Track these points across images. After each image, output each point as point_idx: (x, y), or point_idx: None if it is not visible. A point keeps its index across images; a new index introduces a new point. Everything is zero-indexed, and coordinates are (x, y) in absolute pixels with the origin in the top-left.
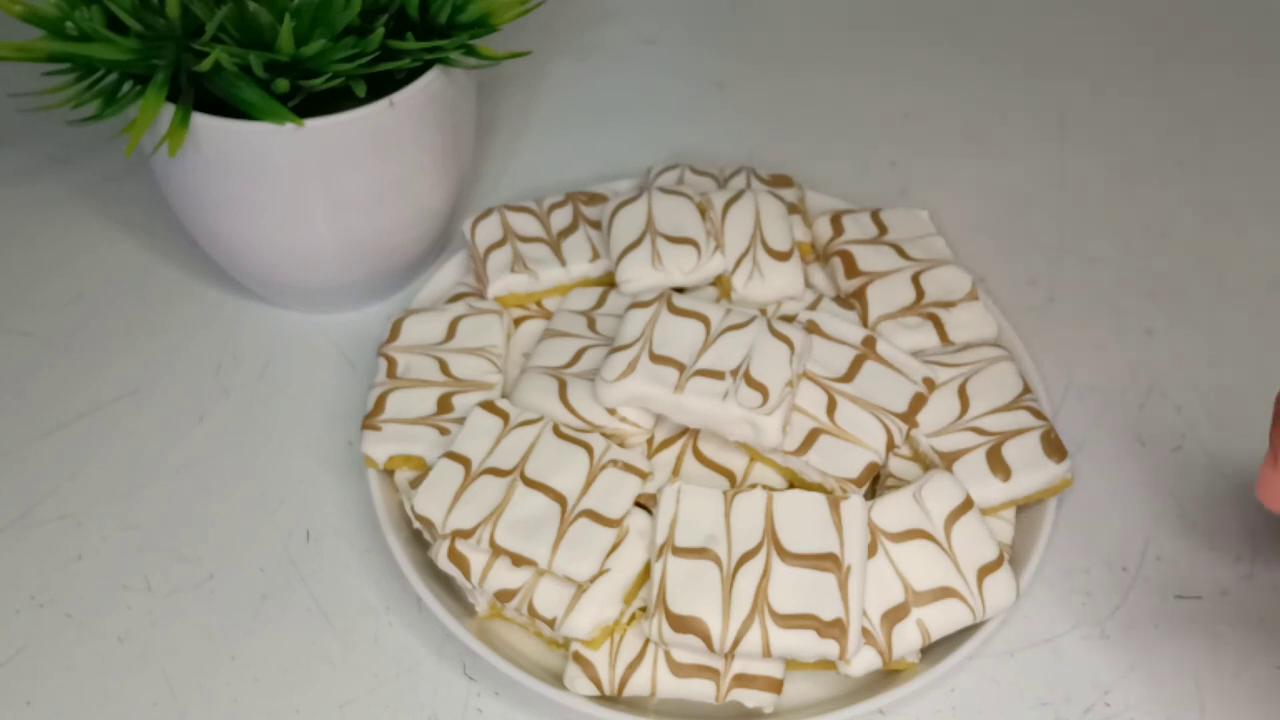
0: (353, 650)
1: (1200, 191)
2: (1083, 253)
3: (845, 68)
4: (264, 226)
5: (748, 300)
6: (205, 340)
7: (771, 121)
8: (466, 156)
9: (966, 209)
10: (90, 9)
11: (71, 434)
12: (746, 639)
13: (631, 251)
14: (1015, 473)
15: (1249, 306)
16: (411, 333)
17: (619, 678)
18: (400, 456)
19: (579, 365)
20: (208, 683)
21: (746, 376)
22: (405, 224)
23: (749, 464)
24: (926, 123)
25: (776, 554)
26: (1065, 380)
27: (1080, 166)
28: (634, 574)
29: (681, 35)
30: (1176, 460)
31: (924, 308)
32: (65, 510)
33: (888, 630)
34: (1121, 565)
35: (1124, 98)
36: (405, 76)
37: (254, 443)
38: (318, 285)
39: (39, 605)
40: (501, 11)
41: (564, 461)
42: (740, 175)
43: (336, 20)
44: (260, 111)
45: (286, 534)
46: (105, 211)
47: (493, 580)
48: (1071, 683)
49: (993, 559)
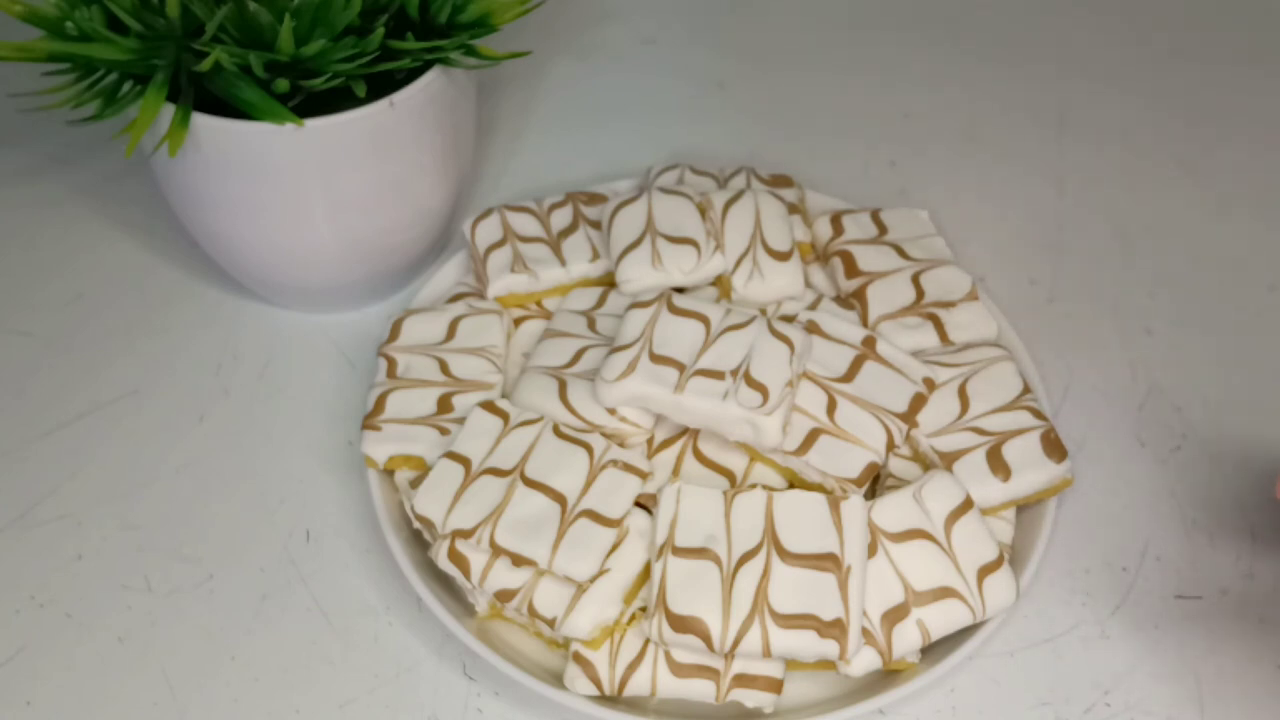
0: (353, 650)
1: (1200, 191)
2: (1083, 253)
3: (845, 68)
4: (264, 226)
5: (748, 300)
6: (205, 340)
7: (771, 121)
8: (466, 156)
9: (966, 209)
10: (90, 9)
11: (71, 434)
12: (746, 639)
13: (631, 251)
14: (1015, 473)
15: (1249, 306)
16: (411, 333)
17: (619, 678)
18: (400, 456)
19: (579, 365)
20: (208, 683)
21: (746, 376)
22: (405, 224)
23: (749, 464)
24: (926, 123)
25: (776, 554)
26: (1065, 380)
27: (1080, 166)
28: (634, 574)
29: (681, 35)
30: (1176, 460)
31: (924, 308)
32: (65, 510)
33: (888, 630)
34: (1121, 565)
35: (1124, 98)
36: (405, 76)
37: (254, 443)
38: (318, 285)
39: (39, 605)
40: (501, 11)
41: (564, 461)
42: (740, 175)
43: (336, 20)
44: (260, 111)
45: (286, 534)
46: (105, 211)
47: (493, 580)
48: (1071, 683)
49: (993, 559)
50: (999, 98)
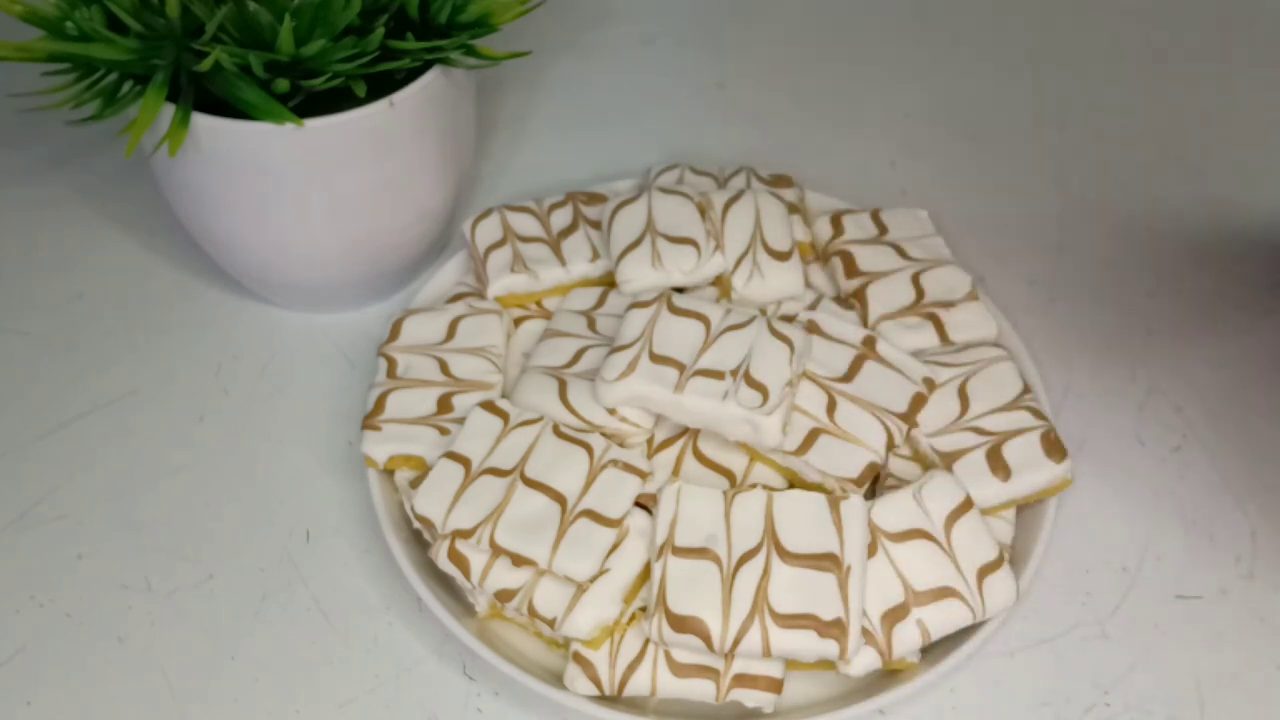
0: (353, 650)
1: (1199, 191)
2: (1083, 253)
3: (845, 68)
4: (264, 226)
5: (748, 300)
6: (205, 340)
7: (771, 121)
8: (466, 156)
9: (966, 209)
10: (90, 9)
11: (71, 434)
12: (746, 639)
13: (631, 251)
14: (1015, 473)
15: (1249, 306)
16: (411, 333)
17: (619, 678)
18: (400, 456)
19: (579, 365)
20: (208, 683)
21: (746, 376)
22: (405, 224)
23: (749, 464)
24: (926, 123)
25: (776, 554)
26: (1065, 380)
27: (1080, 166)
28: (634, 574)
29: (681, 35)
30: (1176, 460)
31: (924, 308)
32: (65, 510)
33: (888, 630)
34: (1121, 565)
35: (1124, 98)
36: (405, 76)
37: (254, 443)
38: (318, 285)
39: (39, 605)
40: (501, 11)
41: (564, 461)
42: (740, 175)
43: (336, 20)
44: (260, 111)
45: (286, 534)
46: (105, 211)
47: (493, 580)
48: (1071, 683)
49: (993, 559)
50: (999, 98)
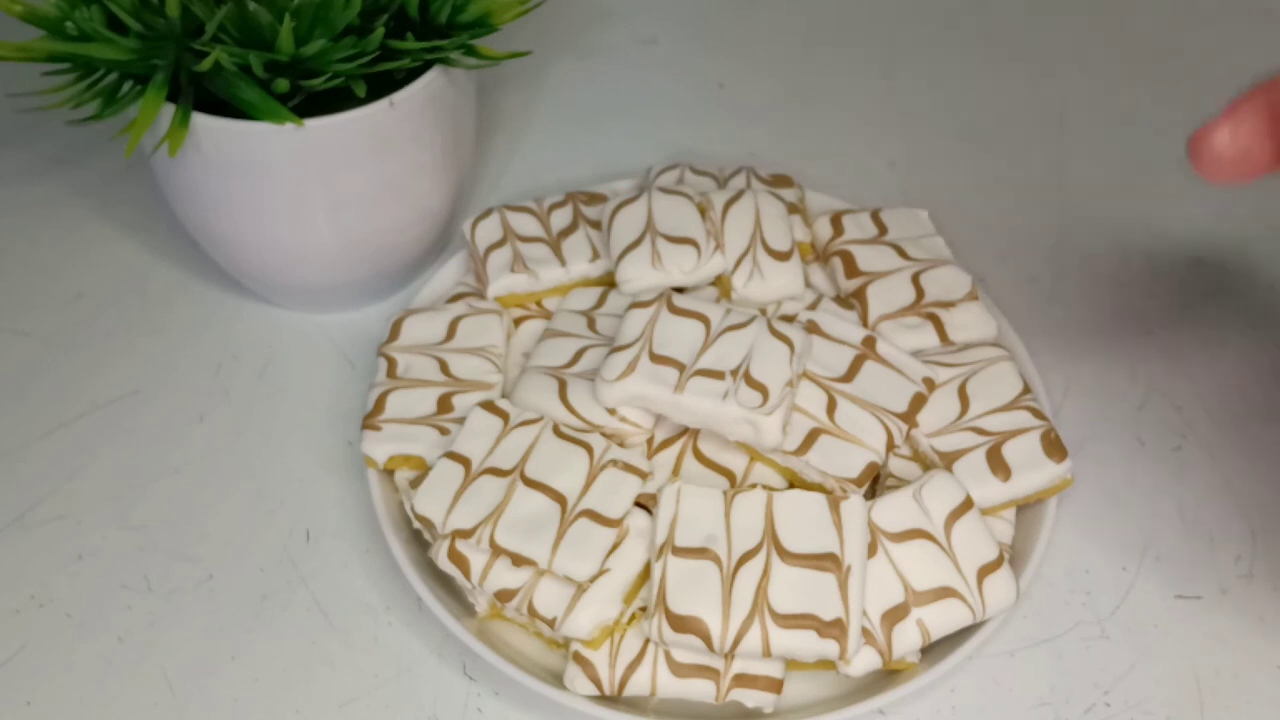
0: (353, 650)
1: (1200, 191)
2: (1083, 253)
3: (845, 68)
4: (264, 226)
5: (748, 300)
6: (205, 340)
7: (771, 121)
8: (466, 156)
9: (966, 209)
10: (90, 9)
11: (71, 434)
12: (746, 639)
13: (631, 251)
14: (1015, 473)
15: (1249, 307)
16: (411, 333)
17: (619, 678)
18: (400, 456)
19: (579, 365)
20: (208, 683)
21: (746, 376)
22: (405, 224)
23: (749, 464)
24: (926, 123)
25: (776, 554)
26: (1065, 380)
27: (1080, 166)
28: (634, 574)
29: (681, 35)
30: (1176, 460)
31: (924, 308)
32: (65, 510)
33: (888, 630)
34: (1121, 565)
35: (1124, 98)
36: (405, 76)
37: (254, 443)
38: (318, 285)
39: (39, 605)
40: (501, 11)
41: (564, 461)
42: (740, 175)
43: (336, 20)
44: (260, 111)
45: (286, 534)
46: (105, 211)
47: (493, 580)
48: (1071, 683)
49: (993, 559)
50: (999, 97)
